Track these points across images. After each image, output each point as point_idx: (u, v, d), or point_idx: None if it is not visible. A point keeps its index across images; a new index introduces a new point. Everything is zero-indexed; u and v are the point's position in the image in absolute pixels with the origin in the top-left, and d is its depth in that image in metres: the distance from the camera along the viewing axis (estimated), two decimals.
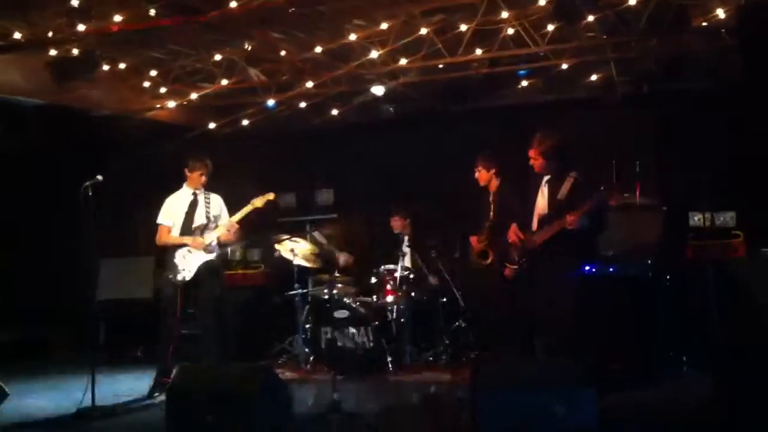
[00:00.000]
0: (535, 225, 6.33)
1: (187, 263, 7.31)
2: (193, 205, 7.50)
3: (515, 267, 6.47)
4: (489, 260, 7.68)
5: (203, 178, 7.51)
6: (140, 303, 9.40)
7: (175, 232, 7.45)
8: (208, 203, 7.53)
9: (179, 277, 7.24)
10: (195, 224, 7.44)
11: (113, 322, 9.50)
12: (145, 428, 6.15)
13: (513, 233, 6.44)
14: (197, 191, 7.53)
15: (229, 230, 7.45)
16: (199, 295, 7.37)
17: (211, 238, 7.41)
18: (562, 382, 4.90)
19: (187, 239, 7.37)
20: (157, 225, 7.48)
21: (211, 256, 7.44)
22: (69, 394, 6.98)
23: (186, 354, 7.27)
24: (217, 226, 7.50)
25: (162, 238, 7.48)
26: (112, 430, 6.10)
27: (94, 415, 6.23)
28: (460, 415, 5.63)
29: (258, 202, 7.55)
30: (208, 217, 7.49)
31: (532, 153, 6.32)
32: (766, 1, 6.70)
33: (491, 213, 7.77)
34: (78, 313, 8.35)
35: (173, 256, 7.34)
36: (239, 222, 7.49)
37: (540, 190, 6.38)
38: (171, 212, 7.49)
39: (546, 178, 6.37)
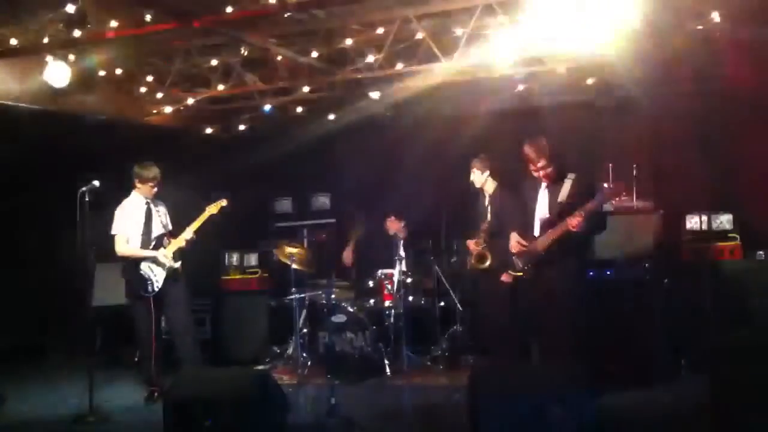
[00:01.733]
0: (536, 230, 6.30)
1: (155, 274, 7.24)
2: (149, 214, 7.41)
3: (520, 274, 6.42)
4: (487, 263, 7.67)
5: (155, 189, 7.40)
6: None
7: (135, 242, 7.32)
8: (159, 212, 7.47)
9: (149, 289, 7.18)
10: (154, 235, 7.37)
11: (109, 327, 9.47)
12: None
13: (515, 243, 6.39)
14: (149, 200, 7.43)
15: (188, 241, 7.41)
16: (168, 305, 7.31)
17: (172, 249, 7.35)
18: (561, 385, 4.90)
19: (152, 252, 7.27)
20: (112, 236, 7.31)
21: (177, 265, 7.38)
22: (66, 399, 6.98)
23: (168, 361, 7.27)
24: (171, 233, 7.46)
25: (122, 248, 7.30)
26: None
27: (92, 420, 6.21)
28: (458, 420, 5.62)
29: (212, 208, 7.54)
30: (164, 226, 7.43)
31: (542, 163, 6.19)
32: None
33: (488, 216, 7.76)
34: (74, 318, 8.33)
35: (138, 269, 7.22)
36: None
37: (539, 194, 6.34)
38: (126, 222, 7.35)
39: (545, 182, 6.33)
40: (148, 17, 7.21)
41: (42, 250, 9.92)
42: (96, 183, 6.59)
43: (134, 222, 7.35)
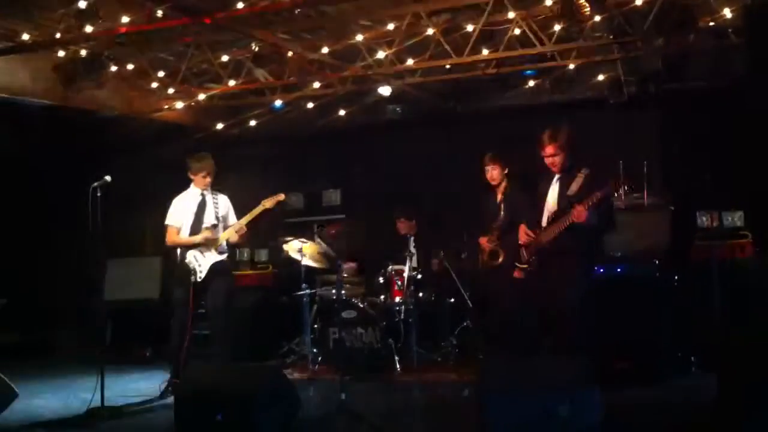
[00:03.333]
0: (545, 223, 6.30)
1: (199, 264, 7.28)
2: (202, 205, 7.46)
3: (525, 266, 6.42)
4: (500, 260, 7.67)
5: (208, 179, 7.45)
6: (147, 303, 9.43)
7: (185, 232, 7.40)
8: (217, 203, 7.50)
9: (192, 278, 7.20)
10: (205, 225, 7.39)
11: (120, 322, 9.52)
12: (155, 428, 6.16)
13: (523, 233, 6.40)
14: (205, 191, 7.49)
15: (237, 232, 7.43)
16: (210, 295, 7.33)
17: (222, 239, 7.40)
18: (569, 382, 4.90)
19: (198, 238, 7.32)
20: (166, 226, 7.43)
21: (223, 257, 7.43)
22: (77, 394, 7.01)
23: (196, 354, 7.28)
24: (225, 227, 7.50)
25: (171, 238, 7.40)
26: (123, 430, 6.11)
27: (104, 415, 6.24)
28: (467, 416, 5.63)
29: (268, 203, 7.52)
30: (217, 218, 7.45)
31: (550, 150, 6.18)
32: None
33: (501, 213, 7.75)
34: (85, 313, 8.38)
35: (184, 257, 7.29)
36: (247, 224, 7.49)
37: (551, 187, 6.33)
38: (179, 213, 7.43)
39: (557, 176, 6.33)
40: (159, 13, 7.23)
41: (54, 245, 9.97)
42: (107, 178, 6.60)
43: (186, 212, 7.40)
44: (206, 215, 7.44)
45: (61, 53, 7.91)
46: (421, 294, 8.34)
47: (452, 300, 8.43)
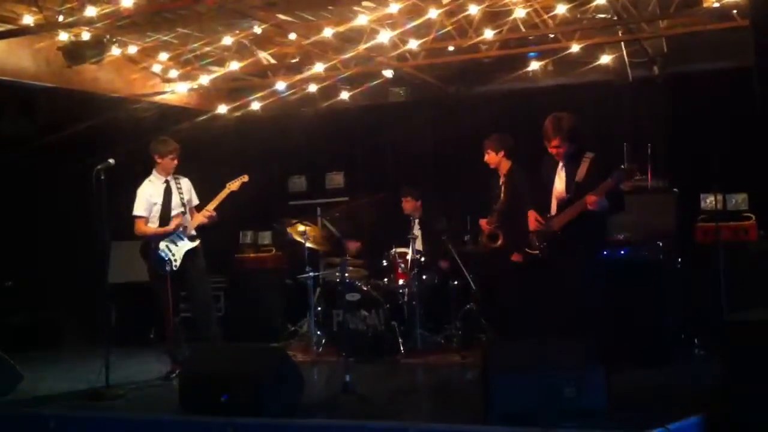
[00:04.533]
0: (554, 209, 6.28)
1: (173, 253, 7.23)
2: (168, 193, 7.38)
3: (536, 252, 6.40)
4: (499, 243, 7.68)
5: (175, 162, 7.37)
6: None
7: (153, 222, 7.33)
8: (180, 189, 7.43)
9: (167, 268, 7.15)
10: (173, 213, 7.34)
11: (125, 304, 9.54)
12: (160, 407, 6.17)
13: (534, 220, 6.37)
14: (168, 178, 7.40)
15: (207, 218, 7.39)
16: (188, 281, 7.31)
17: (192, 225, 7.36)
18: (573, 364, 4.91)
19: (168, 228, 7.27)
20: (133, 217, 7.33)
21: (195, 243, 7.37)
22: (82, 376, 7.03)
23: (190, 337, 7.31)
24: (191, 209, 7.45)
25: (141, 229, 7.32)
26: (127, 409, 6.13)
27: (109, 396, 6.26)
28: (471, 397, 5.65)
29: (233, 185, 7.52)
30: (183, 204, 7.40)
31: (555, 142, 6.10)
32: None
33: (501, 195, 7.76)
34: (90, 295, 8.39)
35: (156, 248, 7.22)
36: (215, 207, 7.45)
37: (557, 173, 6.31)
38: (146, 203, 7.34)
39: (562, 162, 6.30)
40: None
41: (57, 228, 9.98)
42: (111, 161, 6.60)
43: (153, 202, 7.35)
44: (173, 203, 7.38)
45: (64, 36, 7.89)
46: (424, 276, 8.35)
47: (456, 282, 8.44)
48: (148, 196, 7.36)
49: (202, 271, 7.43)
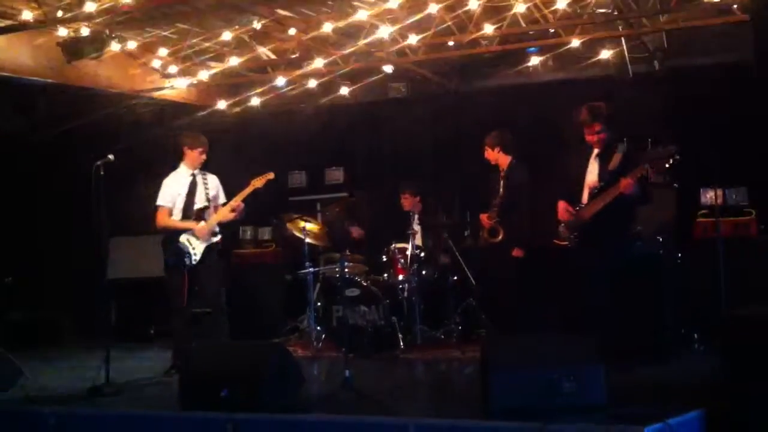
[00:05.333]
0: (584, 199, 6.29)
1: (193, 247, 7.21)
2: (193, 186, 7.35)
3: (565, 243, 6.40)
4: (499, 238, 7.68)
5: (203, 156, 7.36)
6: (151, 281, 9.42)
7: (176, 215, 7.30)
8: (207, 184, 7.39)
9: (186, 262, 7.15)
10: (196, 207, 7.31)
11: (125, 301, 9.54)
12: (159, 404, 6.17)
13: (563, 210, 6.37)
14: (195, 172, 7.38)
15: (235, 211, 7.34)
16: (205, 277, 7.27)
17: (213, 222, 7.31)
18: (572, 359, 4.91)
19: (191, 224, 7.23)
20: (156, 207, 7.30)
21: (216, 239, 7.37)
22: (82, 372, 7.03)
23: (198, 333, 7.30)
24: (215, 207, 7.39)
25: (162, 220, 7.29)
26: (127, 405, 6.12)
27: (108, 392, 6.26)
28: (470, 393, 5.65)
29: (258, 182, 7.45)
30: (208, 199, 7.35)
31: (597, 127, 6.18)
32: None
33: (501, 190, 7.76)
34: (89, 292, 8.39)
35: (176, 241, 7.19)
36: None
37: (590, 163, 6.32)
38: (170, 194, 7.31)
39: (596, 151, 6.32)
40: None
41: (57, 224, 9.98)
42: (110, 157, 6.59)
43: (177, 194, 7.32)
44: (197, 198, 7.34)
45: (63, 32, 7.88)
46: (424, 272, 8.35)
47: (455, 278, 8.43)
48: (172, 187, 7.33)
49: (218, 266, 7.41)
